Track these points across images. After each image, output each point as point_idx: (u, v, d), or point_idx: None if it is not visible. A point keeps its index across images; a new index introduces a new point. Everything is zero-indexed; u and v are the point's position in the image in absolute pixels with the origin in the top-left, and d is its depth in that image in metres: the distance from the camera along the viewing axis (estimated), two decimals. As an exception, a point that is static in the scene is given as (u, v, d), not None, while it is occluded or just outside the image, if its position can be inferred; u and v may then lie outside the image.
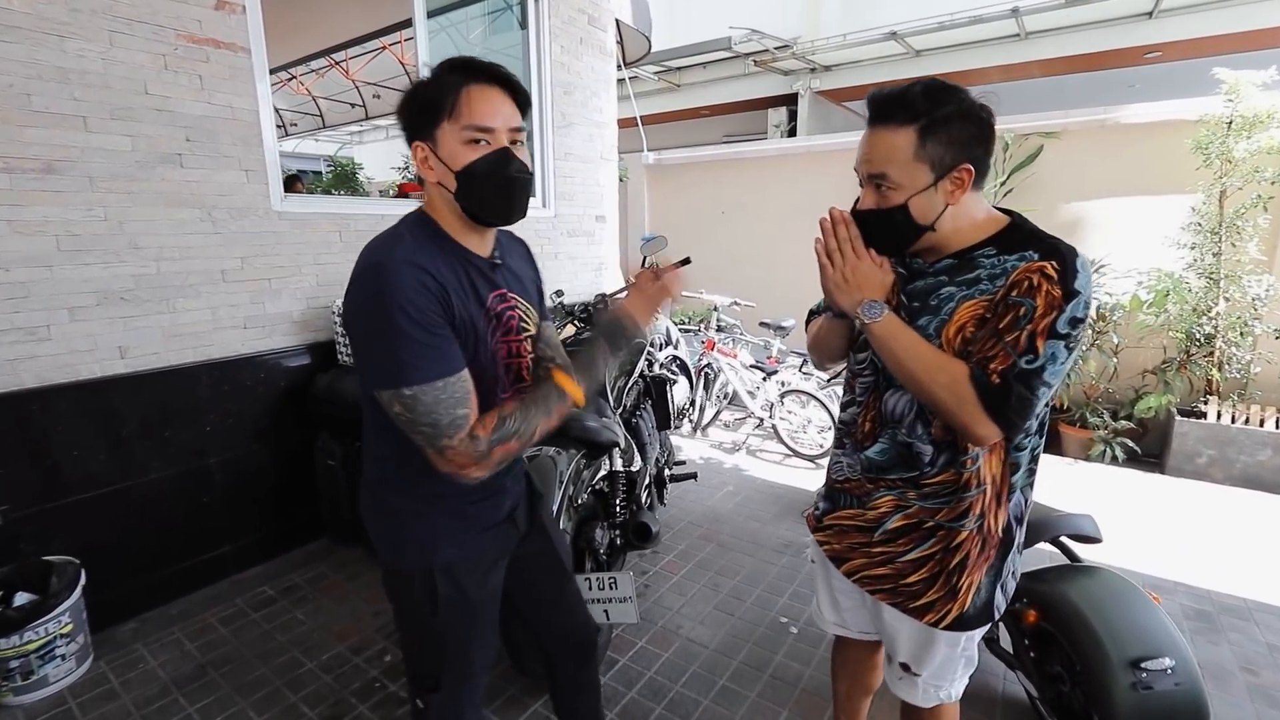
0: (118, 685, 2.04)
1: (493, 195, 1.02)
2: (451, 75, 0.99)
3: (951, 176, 1.01)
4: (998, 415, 0.98)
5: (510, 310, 1.11)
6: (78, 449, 2.19)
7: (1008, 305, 0.99)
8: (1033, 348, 0.96)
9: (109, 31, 2.11)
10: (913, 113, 0.99)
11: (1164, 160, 4.07)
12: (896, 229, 1.06)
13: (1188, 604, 2.46)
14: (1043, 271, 0.97)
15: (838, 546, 1.28)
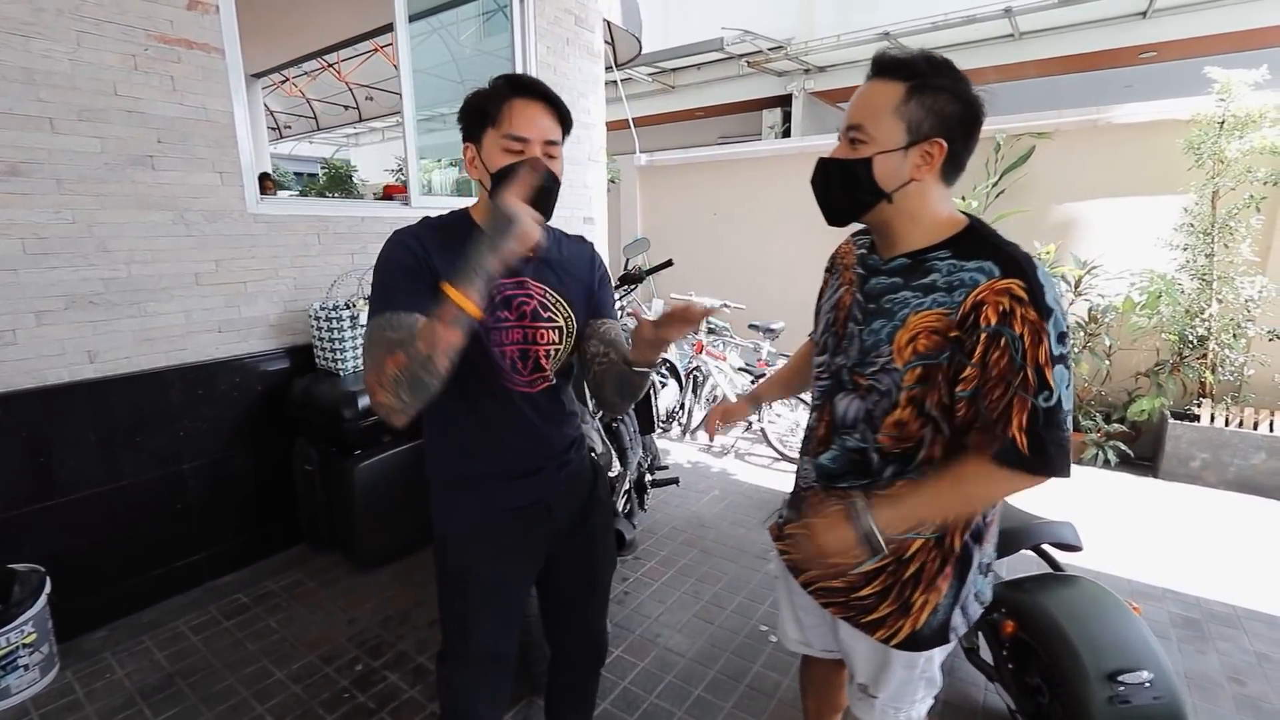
0: (83, 696, 2.00)
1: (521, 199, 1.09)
2: (502, 88, 1.10)
3: (923, 148, 0.98)
4: (1048, 470, 0.94)
5: (525, 296, 1.16)
6: (45, 455, 2.16)
7: (986, 337, 0.93)
8: (1044, 383, 0.92)
9: (76, 32, 2.08)
10: (909, 72, 0.98)
11: (1156, 160, 4.03)
12: (856, 184, 1.03)
13: (1176, 612, 2.41)
14: (1011, 293, 0.92)
15: (797, 556, 1.24)
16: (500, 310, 1.14)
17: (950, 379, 0.99)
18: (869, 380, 1.06)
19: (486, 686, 1.25)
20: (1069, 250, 4.28)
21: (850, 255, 1.19)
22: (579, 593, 1.38)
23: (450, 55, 5.38)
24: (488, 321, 1.12)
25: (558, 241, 1.26)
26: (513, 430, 1.20)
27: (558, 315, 1.20)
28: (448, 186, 4.59)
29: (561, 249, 1.26)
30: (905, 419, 1.03)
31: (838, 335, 1.14)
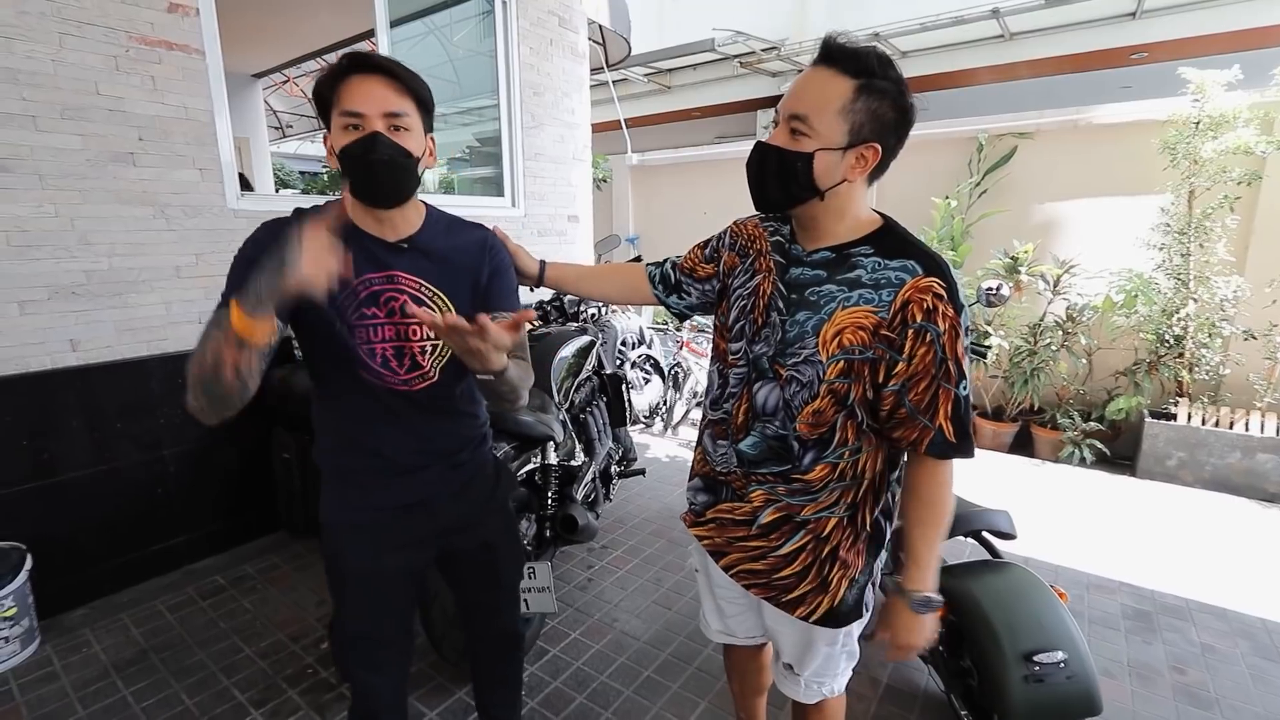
0: (60, 668, 2.10)
1: (361, 177, 1.06)
2: (338, 67, 1.05)
3: (859, 150, 1.00)
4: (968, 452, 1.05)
5: (394, 292, 1.10)
6: (28, 439, 2.25)
7: (914, 333, 0.99)
8: (962, 373, 1.01)
9: (59, 34, 2.18)
10: (861, 68, 0.97)
11: (1134, 161, 4.06)
12: (793, 177, 1.03)
13: (1128, 603, 2.45)
14: (934, 291, 0.98)
15: (718, 540, 1.26)
16: (366, 307, 1.09)
17: (875, 374, 1.03)
18: (789, 371, 1.08)
19: (365, 660, 1.28)
20: (1048, 249, 4.31)
21: (763, 241, 1.20)
22: (484, 591, 1.41)
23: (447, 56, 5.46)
24: (351, 319, 1.09)
25: (445, 229, 1.20)
26: (389, 428, 1.16)
27: (434, 307, 1.14)
28: (435, 185, 4.67)
29: (449, 237, 1.20)
30: (823, 408, 1.07)
31: (756, 323, 1.15)
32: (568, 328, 2.90)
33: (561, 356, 2.55)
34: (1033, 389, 4.13)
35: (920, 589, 1.09)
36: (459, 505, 1.27)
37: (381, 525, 1.20)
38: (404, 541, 1.23)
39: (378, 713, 1.30)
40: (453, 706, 1.93)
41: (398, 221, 1.14)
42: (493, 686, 1.57)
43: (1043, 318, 4.19)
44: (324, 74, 1.06)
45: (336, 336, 1.09)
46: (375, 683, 1.29)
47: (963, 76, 7.01)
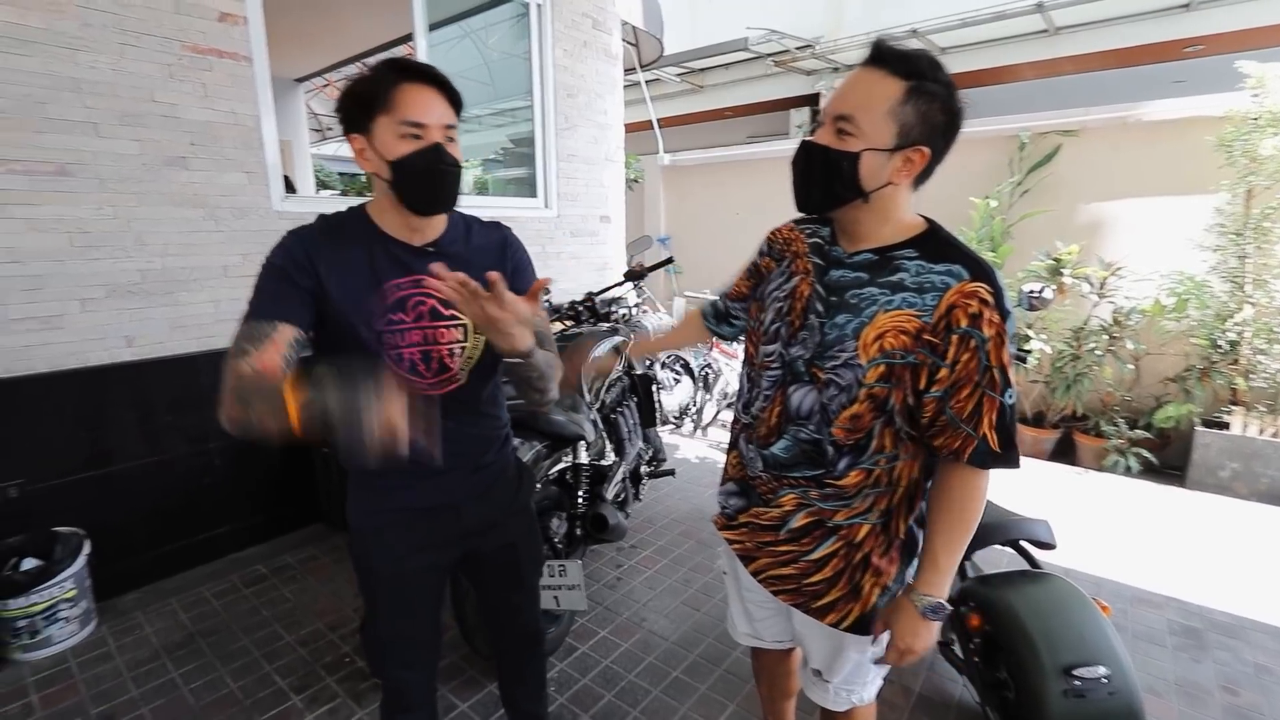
0: (114, 648, 2.20)
1: (423, 187, 1.09)
2: (388, 73, 1.05)
3: (907, 153, 0.99)
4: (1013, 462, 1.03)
5: (422, 296, 1.11)
6: (87, 430, 2.37)
7: (958, 339, 0.97)
8: (1007, 381, 0.99)
9: (119, 44, 2.28)
10: (912, 70, 0.97)
11: (1187, 159, 3.89)
12: (838, 177, 1.01)
13: (1175, 619, 2.36)
14: (979, 297, 0.96)
15: (748, 545, 1.24)
16: (394, 313, 1.10)
17: (917, 379, 1.01)
18: (828, 374, 1.06)
19: (400, 658, 1.31)
20: (1094, 251, 4.17)
21: (800, 243, 1.19)
22: (506, 592, 1.43)
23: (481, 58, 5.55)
24: (379, 326, 1.09)
25: (466, 230, 1.22)
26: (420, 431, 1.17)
27: (460, 315, 1.14)
28: (470, 186, 4.75)
29: (470, 239, 1.21)
30: (861, 413, 1.05)
31: (793, 325, 1.13)
32: (599, 328, 2.92)
33: (594, 356, 2.57)
34: (1076, 395, 4.00)
35: (932, 593, 1.06)
36: (483, 507, 1.28)
37: (407, 528, 1.21)
38: (429, 543, 1.24)
39: (410, 707, 1.34)
40: (484, 699, 1.96)
41: (425, 227, 1.15)
42: (517, 682, 1.59)
43: (1087, 321, 4.05)
44: (369, 76, 1.06)
45: (363, 344, 1.10)
46: (407, 678, 1.32)
47: (1004, 73, 6.82)
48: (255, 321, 1.02)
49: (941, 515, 1.07)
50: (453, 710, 1.91)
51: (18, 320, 2.19)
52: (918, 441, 1.08)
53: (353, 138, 1.08)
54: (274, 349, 1.00)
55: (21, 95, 2.11)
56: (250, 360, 0.97)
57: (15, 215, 2.15)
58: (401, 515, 1.21)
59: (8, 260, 2.15)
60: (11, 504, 2.23)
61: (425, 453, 0.94)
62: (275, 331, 1.01)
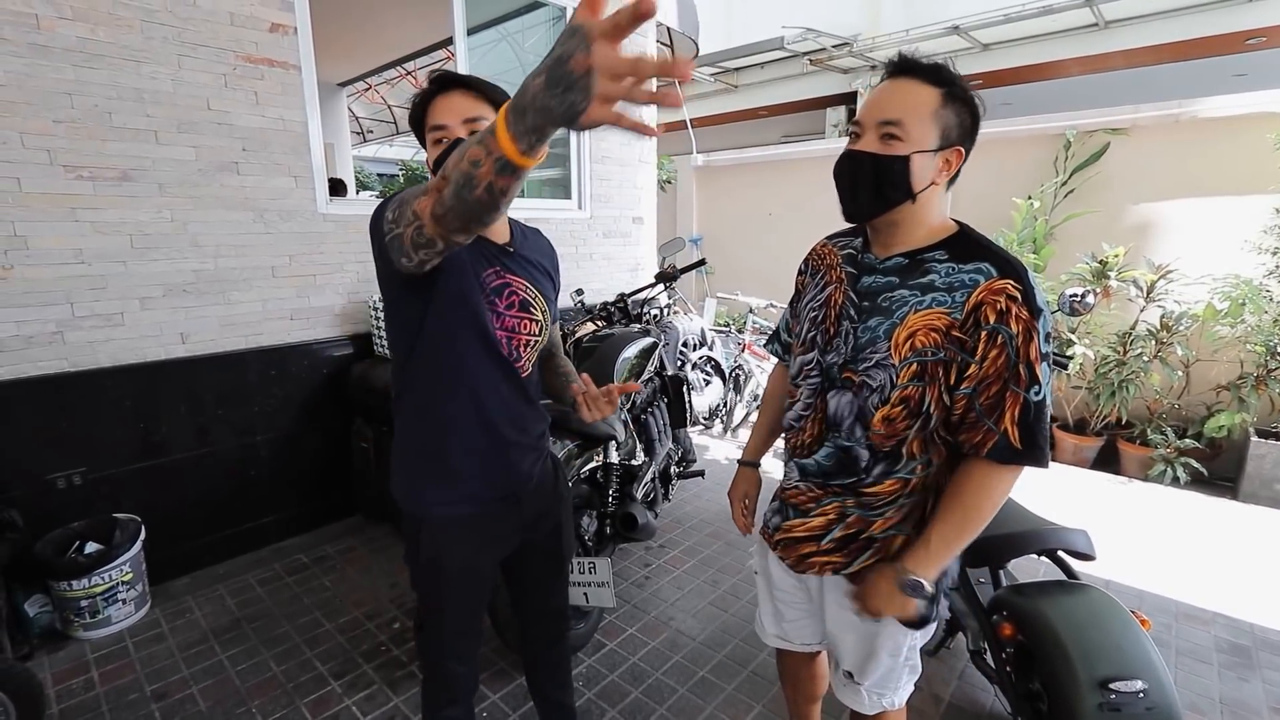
0: (167, 630, 2.32)
1: None
2: (424, 91, 1.16)
3: (946, 154, 1.04)
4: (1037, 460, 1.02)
5: (509, 287, 1.19)
6: (143, 422, 2.50)
7: (986, 335, 0.99)
8: (1034, 377, 0.99)
9: (178, 55, 2.40)
10: (941, 78, 1.03)
11: (1244, 157, 3.73)
12: (890, 181, 1.04)
13: (1222, 636, 2.27)
14: (1007, 293, 0.98)
15: (789, 560, 1.26)
16: (494, 297, 1.17)
17: (948, 376, 1.03)
18: (861, 376, 1.09)
19: (459, 653, 1.35)
20: (1142, 253, 4.03)
21: (833, 255, 1.22)
22: (546, 576, 1.48)
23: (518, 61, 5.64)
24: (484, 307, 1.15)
25: (524, 236, 1.29)
26: (502, 413, 1.22)
27: (536, 309, 1.24)
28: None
29: (530, 244, 1.30)
30: (894, 415, 1.07)
31: (828, 333, 1.16)
32: (631, 329, 2.95)
33: (624, 357, 2.60)
34: (1120, 401, 3.87)
35: (916, 571, 1.05)
36: (536, 498, 1.34)
37: (481, 520, 1.25)
38: (498, 535, 1.29)
39: (457, 700, 1.38)
40: (514, 691, 2.01)
41: (498, 227, 1.23)
42: (545, 669, 1.63)
43: (1134, 326, 3.92)
44: (415, 102, 1.17)
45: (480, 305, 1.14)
46: (460, 672, 1.37)
47: (1049, 69, 6.63)
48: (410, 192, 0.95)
49: (948, 502, 1.07)
50: (484, 701, 1.96)
51: (84, 317, 2.33)
52: (950, 446, 1.09)
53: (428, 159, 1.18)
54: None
55: (90, 106, 2.24)
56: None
57: (83, 219, 2.28)
58: (473, 507, 1.23)
59: (76, 261, 2.28)
60: (75, 490, 2.37)
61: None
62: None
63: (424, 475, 1.22)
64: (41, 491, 2.30)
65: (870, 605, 1.11)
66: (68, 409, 2.33)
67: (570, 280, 3.94)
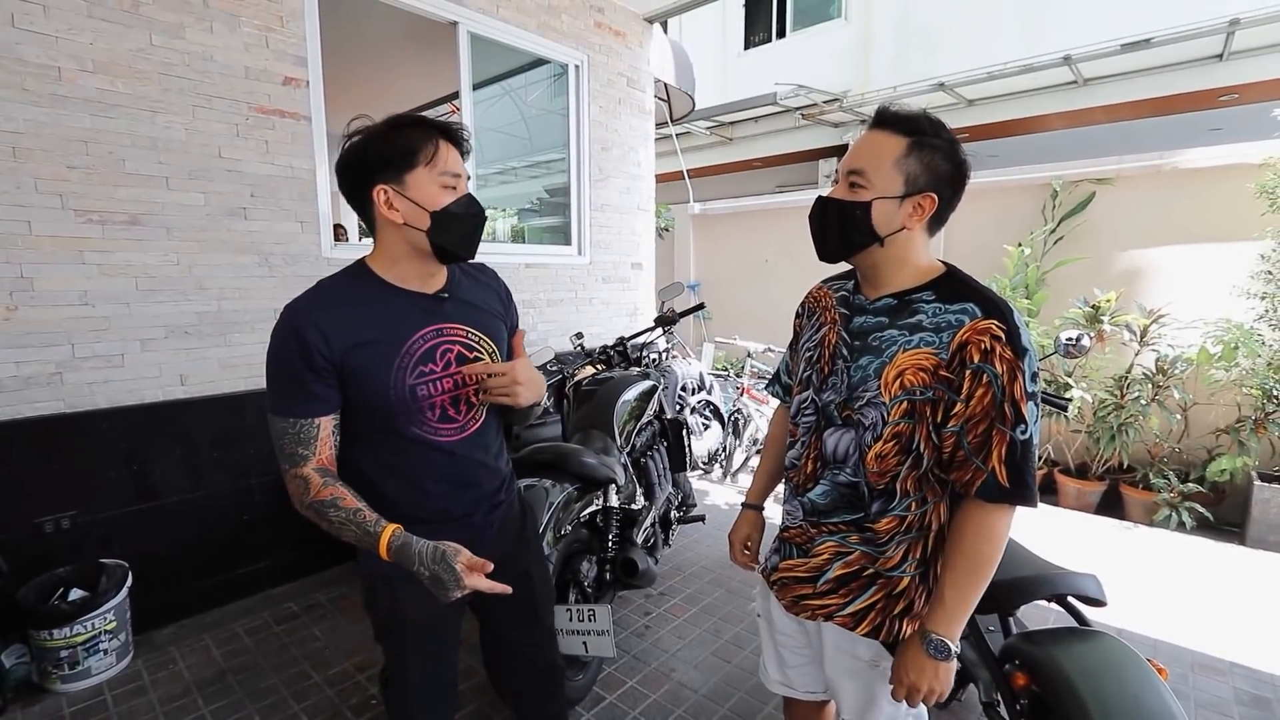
0: (148, 682, 2.23)
1: (464, 232, 1.16)
2: (421, 128, 1.12)
3: (916, 200, 1.07)
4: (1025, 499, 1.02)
5: (448, 344, 1.17)
6: (138, 464, 2.47)
7: (970, 374, 1.01)
8: (1020, 416, 1.00)
9: (193, 106, 2.48)
10: (911, 128, 1.06)
11: (1227, 206, 3.84)
12: (854, 225, 1.08)
13: (1242, 688, 2.20)
14: (991, 333, 1.00)
15: (785, 601, 1.26)
16: (423, 365, 1.13)
17: (936, 414, 1.05)
18: (856, 414, 1.11)
19: (426, 705, 1.29)
20: (1133, 298, 4.09)
21: (828, 298, 1.26)
22: (523, 628, 1.42)
23: (520, 115, 5.84)
24: (411, 380, 1.12)
25: (464, 276, 1.27)
26: (440, 481, 1.19)
27: (483, 353, 1.21)
28: (506, 234, 4.92)
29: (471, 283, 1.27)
30: (885, 452, 1.09)
31: (823, 372, 1.18)
32: (630, 372, 2.96)
33: (624, 400, 2.60)
34: (1121, 446, 3.86)
35: (938, 630, 1.04)
36: (499, 543, 1.29)
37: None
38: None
39: None
40: (508, 748, 1.92)
41: (438, 274, 1.20)
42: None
43: (1129, 370, 3.95)
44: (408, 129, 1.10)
45: (394, 402, 1.11)
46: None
47: (1034, 123, 6.88)
48: (295, 420, 1.08)
49: (951, 552, 1.07)
50: (477, 758, 1.88)
51: (84, 358, 2.33)
52: (943, 484, 1.10)
53: (378, 189, 1.09)
54: (325, 445, 1.11)
55: (105, 153, 2.30)
56: (310, 465, 1.09)
57: (90, 261, 2.31)
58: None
59: (80, 303, 2.30)
60: (64, 534, 2.32)
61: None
62: (318, 429, 1.09)
63: None
64: (29, 535, 2.25)
65: (909, 681, 1.07)
66: (61, 451, 2.30)
67: (570, 324, 3.98)
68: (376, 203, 1.11)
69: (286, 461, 1.09)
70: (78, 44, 2.22)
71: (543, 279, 3.92)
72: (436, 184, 1.11)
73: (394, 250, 1.15)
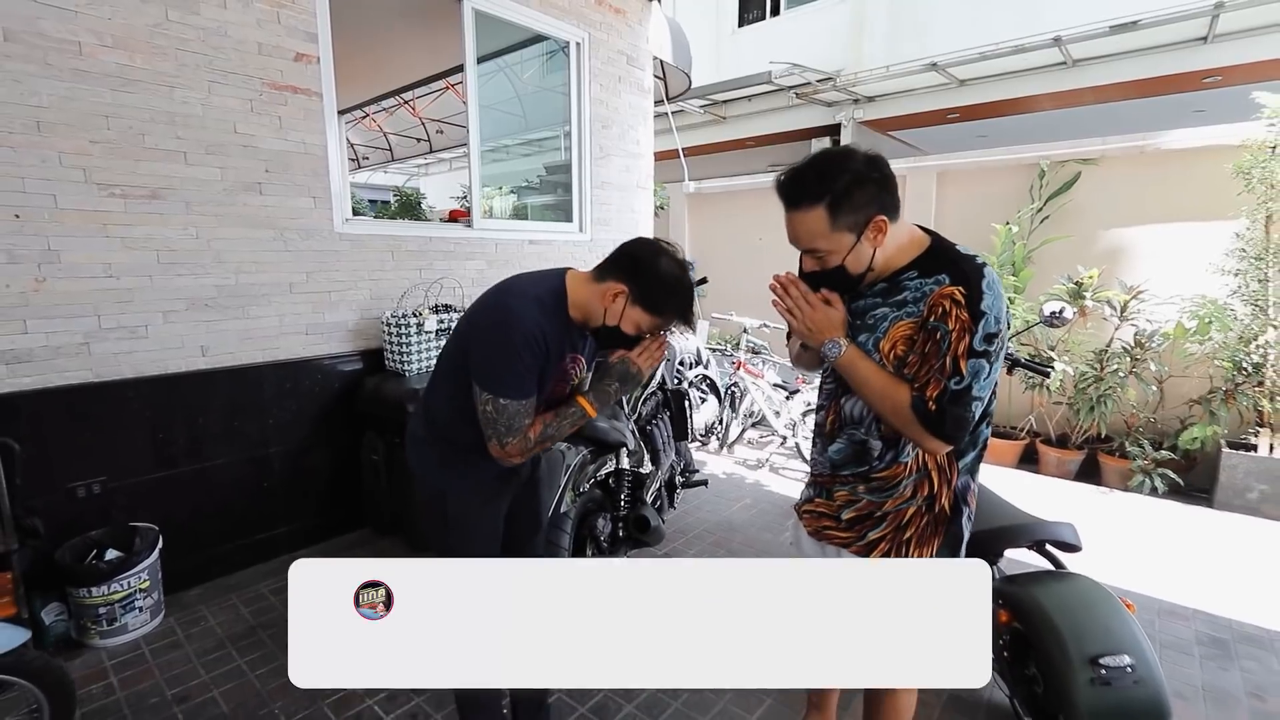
0: (183, 637, 2.35)
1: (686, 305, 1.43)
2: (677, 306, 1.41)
3: (868, 232, 1.19)
4: (938, 434, 1.16)
5: (574, 366, 1.50)
6: (163, 432, 2.55)
7: (928, 331, 1.17)
8: (957, 370, 1.14)
9: (209, 81, 2.52)
10: (814, 195, 1.16)
11: (1206, 186, 3.99)
12: (844, 281, 1.26)
13: (1203, 630, 2.40)
14: (952, 298, 1.15)
15: (810, 529, 1.46)
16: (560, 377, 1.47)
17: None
18: None
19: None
20: (1114, 275, 4.25)
21: None
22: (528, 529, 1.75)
23: (514, 91, 5.85)
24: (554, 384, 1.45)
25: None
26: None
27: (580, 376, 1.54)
28: (506, 211, 4.98)
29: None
30: None
31: None
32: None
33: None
34: (1099, 416, 4.05)
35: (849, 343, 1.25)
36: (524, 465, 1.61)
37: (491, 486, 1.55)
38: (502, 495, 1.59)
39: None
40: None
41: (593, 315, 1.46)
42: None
43: (1109, 344, 4.12)
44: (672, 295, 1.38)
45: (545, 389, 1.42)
46: None
47: (1023, 103, 6.98)
48: (522, 400, 1.35)
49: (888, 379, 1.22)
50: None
51: (110, 329, 2.40)
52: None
53: (622, 290, 1.36)
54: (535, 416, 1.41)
55: (125, 127, 2.35)
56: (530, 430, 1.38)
57: (114, 235, 2.37)
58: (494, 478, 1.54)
59: (105, 275, 2.37)
60: (95, 499, 2.41)
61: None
62: (535, 405, 1.39)
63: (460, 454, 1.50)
64: (61, 500, 2.34)
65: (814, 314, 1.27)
66: (91, 419, 2.38)
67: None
68: (610, 292, 1.37)
69: (513, 434, 1.35)
70: (97, 19, 2.26)
71: (546, 255, 4.00)
72: (638, 326, 1.39)
73: (588, 309, 1.41)
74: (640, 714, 1.98)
